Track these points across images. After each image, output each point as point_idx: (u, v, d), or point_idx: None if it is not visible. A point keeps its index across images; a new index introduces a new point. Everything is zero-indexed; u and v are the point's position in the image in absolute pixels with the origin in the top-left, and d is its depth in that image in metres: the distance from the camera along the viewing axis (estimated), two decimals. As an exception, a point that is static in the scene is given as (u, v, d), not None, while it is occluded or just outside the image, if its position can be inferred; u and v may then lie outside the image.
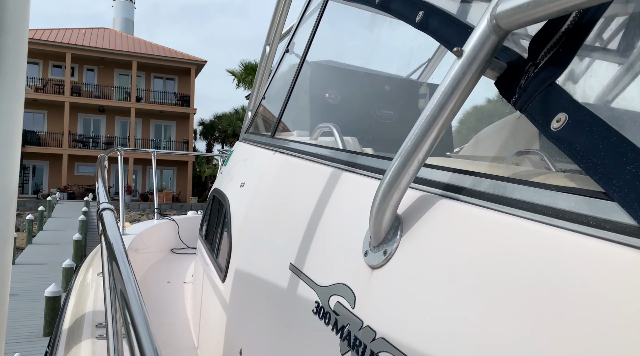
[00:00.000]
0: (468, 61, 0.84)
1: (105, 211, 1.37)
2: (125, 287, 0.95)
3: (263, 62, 3.03)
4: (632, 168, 0.62)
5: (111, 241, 1.13)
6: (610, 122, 0.69)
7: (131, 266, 1.02)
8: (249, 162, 2.60)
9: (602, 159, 0.66)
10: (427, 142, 0.91)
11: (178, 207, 28.45)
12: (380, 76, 2.83)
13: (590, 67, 0.92)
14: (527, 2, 0.73)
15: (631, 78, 1.08)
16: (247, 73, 28.95)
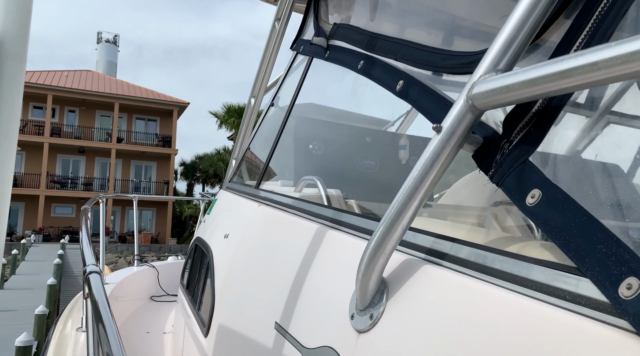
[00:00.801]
0: (446, 137, 0.89)
1: (92, 274, 1.36)
2: (111, 350, 0.96)
3: (248, 113, 3.09)
4: (602, 247, 0.66)
5: (99, 306, 1.14)
6: (582, 183, 0.74)
7: (117, 329, 1.03)
8: (233, 213, 2.62)
9: (575, 237, 0.71)
10: (410, 210, 0.95)
11: (157, 249, 27.92)
12: (362, 128, 2.92)
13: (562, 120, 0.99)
14: (499, 87, 0.79)
15: (601, 127, 1.16)
16: (230, 115, 29.26)
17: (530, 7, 0.81)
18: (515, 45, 0.83)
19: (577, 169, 0.87)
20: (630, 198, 0.76)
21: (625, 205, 0.74)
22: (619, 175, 0.84)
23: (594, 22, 0.81)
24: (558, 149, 0.88)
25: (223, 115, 29.74)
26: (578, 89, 0.70)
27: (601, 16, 0.80)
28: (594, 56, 0.63)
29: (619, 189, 0.77)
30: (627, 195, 0.76)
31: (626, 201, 0.75)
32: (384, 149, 2.93)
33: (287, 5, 2.60)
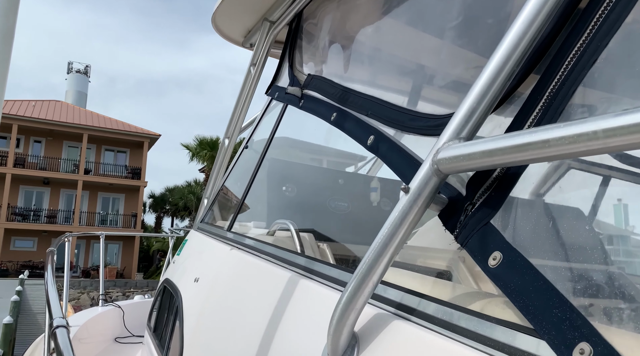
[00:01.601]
0: (414, 197, 0.94)
1: (59, 329, 1.33)
2: None
3: (222, 153, 3.12)
4: (557, 312, 0.71)
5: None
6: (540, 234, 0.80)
7: None
8: (205, 256, 2.60)
9: (533, 300, 0.76)
10: (381, 266, 0.99)
11: (122, 284, 27.00)
12: (334, 171, 2.98)
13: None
14: (461, 154, 0.85)
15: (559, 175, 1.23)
16: (202, 148, 29.15)
17: (490, 80, 0.88)
18: (476, 115, 0.90)
19: (536, 233, 0.93)
20: (584, 264, 0.82)
21: (579, 271, 0.80)
22: (576, 241, 0.90)
23: (546, 99, 0.88)
24: (518, 213, 0.94)
25: (195, 147, 29.60)
26: (532, 162, 0.77)
27: (553, 93, 0.87)
28: (546, 134, 0.69)
29: (575, 256, 0.83)
30: (581, 262, 0.82)
31: (580, 268, 0.81)
32: (356, 191, 2.99)
33: (263, 51, 2.68)
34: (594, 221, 1.80)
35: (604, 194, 1.63)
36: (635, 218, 2.10)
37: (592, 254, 0.93)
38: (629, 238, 2.36)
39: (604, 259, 0.89)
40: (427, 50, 1.66)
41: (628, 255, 2.13)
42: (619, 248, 2.54)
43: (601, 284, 0.79)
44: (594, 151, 0.64)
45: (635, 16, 0.83)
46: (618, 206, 1.97)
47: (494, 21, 1.33)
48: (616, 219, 2.11)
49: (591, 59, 0.84)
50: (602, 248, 1.01)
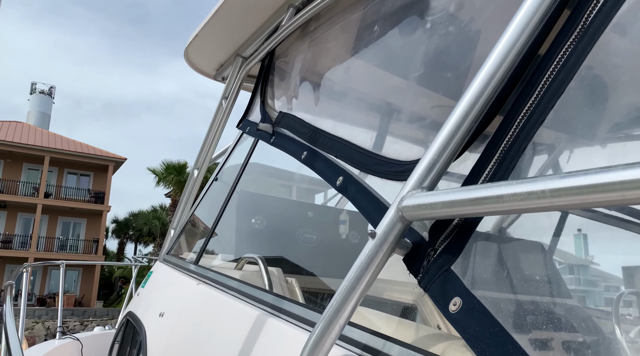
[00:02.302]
0: (380, 242, 0.99)
1: None
2: None
3: (190, 184, 3.11)
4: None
5: None
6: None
7: None
8: (170, 290, 2.56)
9: (489, 347, 0.80)
10: (347, 309, 1.02)
11: (81, 313, 25.91)
12: (303, 203, 3.01)
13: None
14: (424, 203, 0.90)
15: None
16: (168, 172, 28.72)
17: (451, 134, 0.94)
18: (438, 165, 0.96)
19: (495, 278, 0.98)
20: (538, 312, 0.87)
21: (533, 319, 0.85)
22: (535, 279, 0.96)
23: (500, 154, 0.95)
24: (477, 259, 0.99)
25: (162, 172, 29.14)
26: (487, 215, 0.82)
27: (505, 150, 0.94)
28: (500, 190, 0.75)
29: (528, 304, 0.89)
30: (535, 310, 0.87)
31: (533, 317, 0.86)
32: (325, 224, 3.03)
33: (235, 86, 2.72)
34: (554, 254, 1.88)
35: (564, 226, 1.71)
36: (594, 248, 2.20)
37: (549, 294, 0.98)
38: (588, 268, 2.46)
39: (561, 300, 0.94)
40: (394, 91, 1.74)
41: (588, 286, 2.21)
42: (580, 278, 2.65)
43: (558, 328, 0.84)
44: (542, 208, 0.70)
45: (577, 82, 0.91)
46: (578, 236, 2.07)
47: (456, 66, 1.42)
48: (576, 249, 2.21)
49: (539, 119, 0.91)
50: (560, 287, 1.07)
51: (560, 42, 0.93)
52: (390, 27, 1.68)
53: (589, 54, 0.89)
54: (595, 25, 0.88)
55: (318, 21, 2.08)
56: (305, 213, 2.97)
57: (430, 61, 1.49)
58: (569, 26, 0.92)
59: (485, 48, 1.28)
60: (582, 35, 0.89)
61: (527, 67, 1.00)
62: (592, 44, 0.88)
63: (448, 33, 1.43)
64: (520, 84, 1.00)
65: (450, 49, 1.44)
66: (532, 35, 0.90)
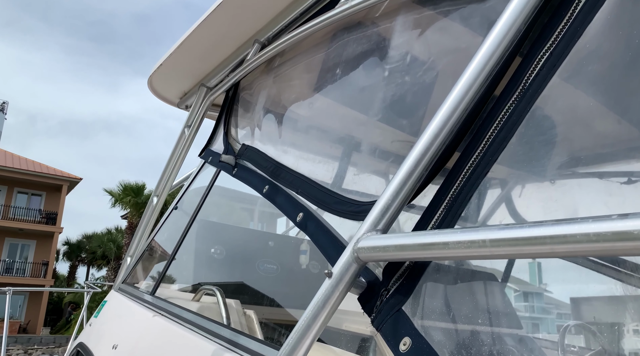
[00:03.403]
0: (336, 282, 1.02)
1: None
2: None
3: (149, 211, 3.07)
4: None
5: None
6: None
7: None
8: (125, 321, 2.50)
9: None
10: (304, 347, 1.04)
11: (25, 340, 24.50)
12: (264, 233, 3.02)
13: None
14: (377, 246, 0.95)
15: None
16: (125, 194, 27.97)
17: (403, 180, 1.00)
18: (392, 209, 1.01)
19: (443, 320, 1.03)
20: (487, 346, 0.92)
21: (482, 355, 0.90)
22: (480, 323, 1.01)
23: (447, 202, 1.01)
24: (427, 301, 1.04)
25: (119, 193, 28.34)
26: (435, 259, 0.88)
27: (454, 197, 1.00)
28: (446, 237, 0.81)
29: (477, 340, 0.94)
30: (484, 344, 0.93)
31: (482, 351, 0.91)
32: (286, 254, 3.04)
33: (198, 115, 2.73)
34: (507, 282, 1.96)
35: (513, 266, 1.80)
36: (547, 275, 2.29)
37: (499, 326, 1.04)
38: (542, 296, 2.55)
39: (511, 331, 1.00)
40: (355, 129, 1.80)
41: (540, 313, 2.30)
42: (533, 305, 2.73)
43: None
44: (484, 256, 0.76)
45: (518, 139, 0.99)
46: (532, 264, 2.15)
47: (416, 104, 1.49)
48: (530, 277, 2.29)
49: (483, 171, 0.98)
50: (510, 319, 1.13)
51: (514, 84, 1.00)
52: (352, 68, 1.76)
53: (539, 97, 0.96)
54: (546, 70, 0.96)
55: (283, 57, 2.14)
56: (266, 243, 2.98)
57: (389, 100, 1.56)
58: (522, 69, 1.00)
59: (441, 88, 1.36)
60: (534, 80, 0.97)
61: (477, 116, 1.07)
62: (543, 88, 0.96)
63: (407, 74, 1.51)
64: (474, 128, 1.06)
65: (409, 90, 1.51)
66: (489, 77, 0.97)
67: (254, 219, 3.50)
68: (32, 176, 29.74)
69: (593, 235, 0.58)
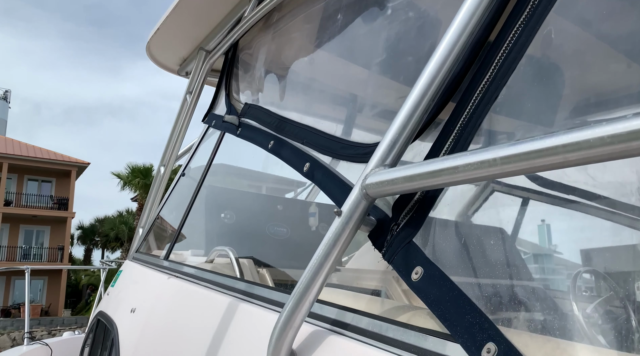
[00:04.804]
0: (346, 220, 1.03)
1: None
2: None
3: (157, 181, 3.08)
4: (469, 318, 0.81)
5: None
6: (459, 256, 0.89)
7: None
8: (141, 286, 2.54)
9: (449, 309, 0.85)
10: (316, 286, 1.06)
11: (47, 322, 25.13)
12: (273, 197, 3.03)
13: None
14: (386, 179, 0.95)
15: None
16: (134, 176, 28.12)
17: (410, 113, 0.99)
18: (399, 144, 1.00)
19: (452, 249, 1.03)
20: (493, 274, 0.93)
21: (488, 281, 0.90)
22: (487, 257, 1.02)
23: (458, 130, 1.00)
24: (437, 231, 1.04)
25: (127, 176, 28.50)
26: (445, 186, 0.87)
27: (463, 125, 0.99)
28: (455, 161, 0.80)
29: (483, 269, 0.94)
30: (490, 272, 0.93)
31: (489, 277, 0.91)
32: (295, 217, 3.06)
33: (199, 80, 2.71)
34: (515, 240, 1.96)
35: (524, 214, 1.79)
36: (556, 236, 2.29)
37: (499, 264, 1.04)
38: (551, 257, 2.57)
39: (511, 270, 1.00)
40: (358, 79, 1.78)
41: (550, 274, 2.32)
42: (543, 267, 2.75)
43: (507, 293, 0.90)
44: (494, 175, 0.75)
45: (534, 51, 0.97)
46: (542, 226, 2.16)
47: (417, 53, 1.47)
48: (540, 237, 2.30)
49: (493, 96, 0.97)
50: (509, 259, 1.13)
51: (508, 28, 0.98)
52: (352, 17, 1.72)
53: (535, 37, 0.94)
54: (541, 8, 0.94)
55: (281, 12, 2.11)
56: (275, 207, 3.00)
57: (392, 49, 1.54)
58: (517, 11, 0.98)
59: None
60: (529, 19, 0.95)
61: (480, 51, 1.06)
62: (538, 27, 0.94)
63: (409, 20, 1.48)
64: (474, 67, 1.05)
65: (411, 37, 1.48)
66: (482, 22, 0.95)
67: (262, 184, 3.51)
68: (40, 163, 29.96)
69: (607, 138, 0.56)
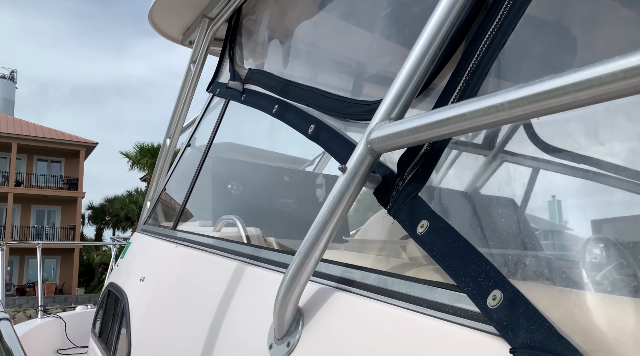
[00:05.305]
0: (350, 176, 1.01)
1: (2, 321, 1.31)
2: None
3: (163, 154, 3.08)
4: (474, 267, 0.80)
5: (12, 354, 1.10)
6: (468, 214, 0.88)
7: None
8: (149, 256, 2.57)
9: (454, 259, 0.84)
10: (322, 243, 1.05)
11: (62, 300, 25.66)
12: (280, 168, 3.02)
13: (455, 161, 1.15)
14: (391, 133, 0.93)
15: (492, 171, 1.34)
16: (142, 155, 28.23)
17: (415, 65, 0.96)
18: (404, 97, 0.98)
19: (457, 202, 1.02)
20: (496, 222, 0.91)
21: (492, 229, 0.89)
22: (489, 205, 1.00)
23: (464, 80, 0.98)
24: (443, 186, 1.03)
25: (135, 155, 28.62)
26: (452, 135, 0.86)
27: (470, 74, 0.97)
28: (462, 109, 0.78)
29: (488, 218, 0.93)
30: (494, 221, 0.92)
31: (493, 226, 0.90)
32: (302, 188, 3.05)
33: (202, 48, 2.68)
34: (526, 207, 1.94)
35: (534, 184, 1.76)
36: (567, 212, 2.26)
37: (504, 214, 1.03)
38: (562, 233, 2.54)
39: (516, 219, 0.99)
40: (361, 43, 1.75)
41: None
42: (554, 243, 2.73)
43: (511, 241, 0.89)
44: (502, 121, 0.73)
45: (539, 2, 0.94)
46: (552, 198, 2.13)
47: (419, 14, 1.43)
48: (550, 207, 2.27)
49: (501, 42, 0.94)
50: (515, 210, 1.12)
51: None
52: None
53: None
54: None
55: None
56: (282, 178, 2.99)
57: (395, 6, 1.50)
58: None
59: None
60: None
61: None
62: None
63: None
64: (482, 14, 1.02)
65: None
66: None
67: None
68: (49, 143, 30.13)
69: (620, 72, 0.53)
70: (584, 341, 0.63)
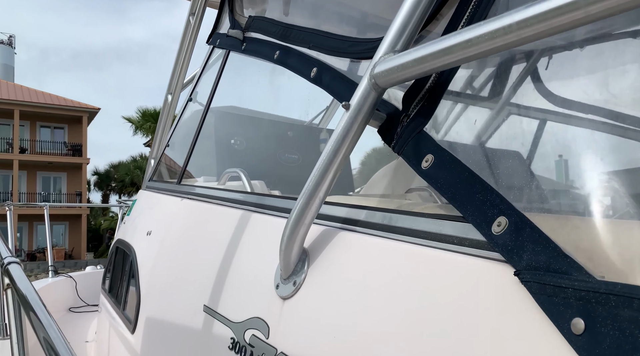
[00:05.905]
0: (354, 114, 1.00)
1: (12, 264, 1.33)
2: (49, 335, 0.96)
3: (165, 110, 3.06)
4: (479, 196, 0.79)
5: (24, 293, 1.12)
6: (470, 156, 0.87)
7: (51, 315, 1.02)
8: (155, 210, 2.59)
9: (459, 190, 0.83)
10: (326, 182, 1.05)
11: (72, 264, 26.15)
12: (283, 123, 3.00)
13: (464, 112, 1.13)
14: (396, 65, 0.90)
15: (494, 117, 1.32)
16: (145, 120, 28.13)
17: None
18: (409, 28, 0.95)
19: (463, 136, 1.01)
20: (500, 151, 0.90)
21: (497, 159, 0.88)
22: (493, 137, 0.99)
23: (473, 5, 0.94)
24: (449, 121, 1.01)
25: (138, 120, 28.52)
26: (458, 63, 0.83)
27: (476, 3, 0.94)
28: (468, 34, 0.75)
29: (492, 149, 0.92)
30: (499, 150, 0.91)
31: (498, 156, 0.89)
32: (306, 143, 3.04)
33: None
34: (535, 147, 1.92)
35: (541, 136, 1.73)
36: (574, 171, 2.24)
37: (510, 148, 1.02)
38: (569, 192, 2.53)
39: (522, 151, 0.98)
40: None
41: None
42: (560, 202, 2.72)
43: (517, 172, 0.88)
44: (511, 44, 0.71)
45: None
46: (559, 162, 2.12)
47: None
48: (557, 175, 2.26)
49: None
50: (521, 144, 1.10)
51: None
52: None
53: None
54: None
55: None
56: (285, 132, 2.97)
57: None
58: None
59: None
60: None
61: None
62: None
63: None
64: None
65: None
66: None
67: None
68: (52, 109, 29.98)
69: None
70: (589, 258, 0.63)
